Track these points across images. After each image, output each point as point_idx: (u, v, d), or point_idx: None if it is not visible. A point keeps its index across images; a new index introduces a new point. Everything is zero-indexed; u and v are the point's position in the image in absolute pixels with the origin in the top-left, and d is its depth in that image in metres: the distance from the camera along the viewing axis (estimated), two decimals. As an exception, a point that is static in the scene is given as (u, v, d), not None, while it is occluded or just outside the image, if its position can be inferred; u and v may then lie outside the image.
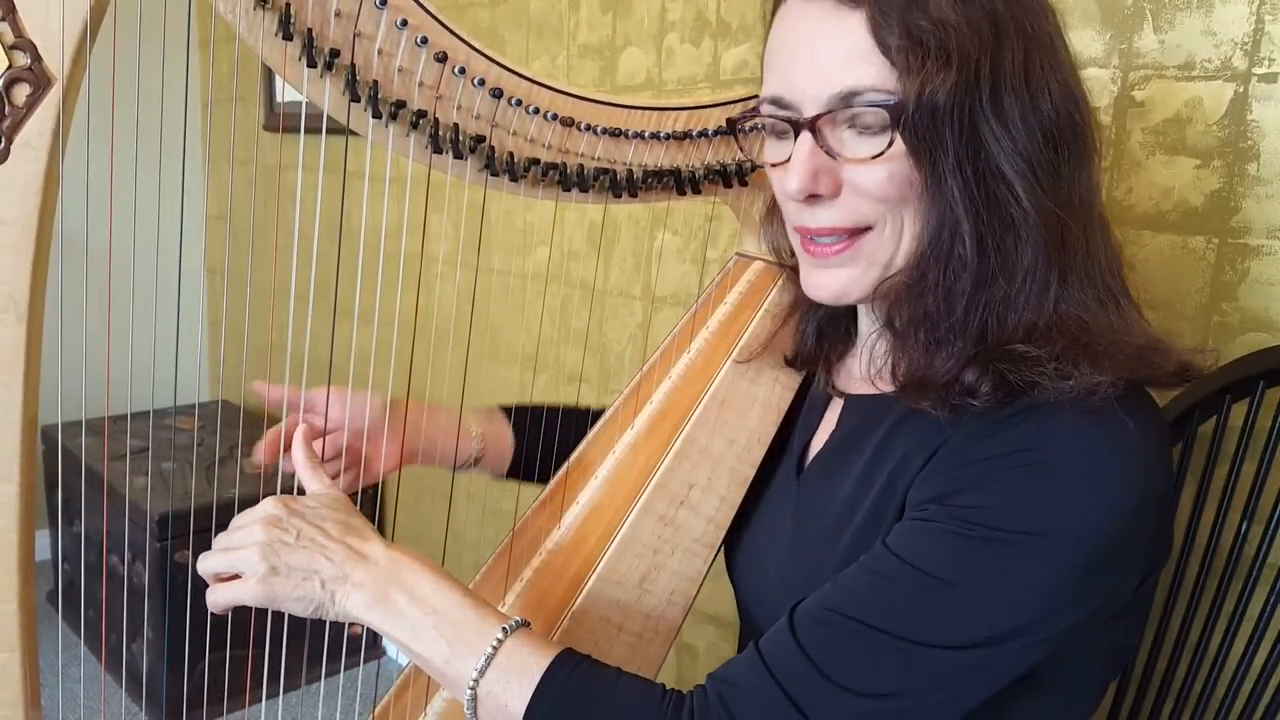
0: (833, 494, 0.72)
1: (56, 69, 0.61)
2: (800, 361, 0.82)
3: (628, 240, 1.67)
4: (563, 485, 0.89)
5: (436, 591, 0.66)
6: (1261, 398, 0.89)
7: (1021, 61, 0.61)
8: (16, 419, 0.66)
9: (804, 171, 0.65)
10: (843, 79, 0.62)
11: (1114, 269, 0.65)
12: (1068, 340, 0.60)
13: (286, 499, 0.70)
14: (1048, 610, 0.59)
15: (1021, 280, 0.62)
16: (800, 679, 0.60)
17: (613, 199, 0.81)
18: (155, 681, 2.03)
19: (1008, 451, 0.60)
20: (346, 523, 0.69)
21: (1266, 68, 0.92)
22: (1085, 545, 0.58)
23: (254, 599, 0.66)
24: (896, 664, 0.59)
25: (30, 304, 0.64)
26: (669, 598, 0.78)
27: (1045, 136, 0.61)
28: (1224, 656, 0.89)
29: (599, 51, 1.66)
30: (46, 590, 2.38)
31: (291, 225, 0.85)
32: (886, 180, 0.63)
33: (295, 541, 0.66)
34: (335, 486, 0.74)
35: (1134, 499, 0.59)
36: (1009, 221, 0.62)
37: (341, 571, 0.66)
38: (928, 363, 0.64)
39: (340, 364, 0.91)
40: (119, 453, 2.25)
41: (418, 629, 0.65)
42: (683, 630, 0.79)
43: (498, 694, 0.63)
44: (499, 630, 0.64)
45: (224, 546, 0.68)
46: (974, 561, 0.59)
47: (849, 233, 0.66)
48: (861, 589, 0.62)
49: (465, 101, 0.74)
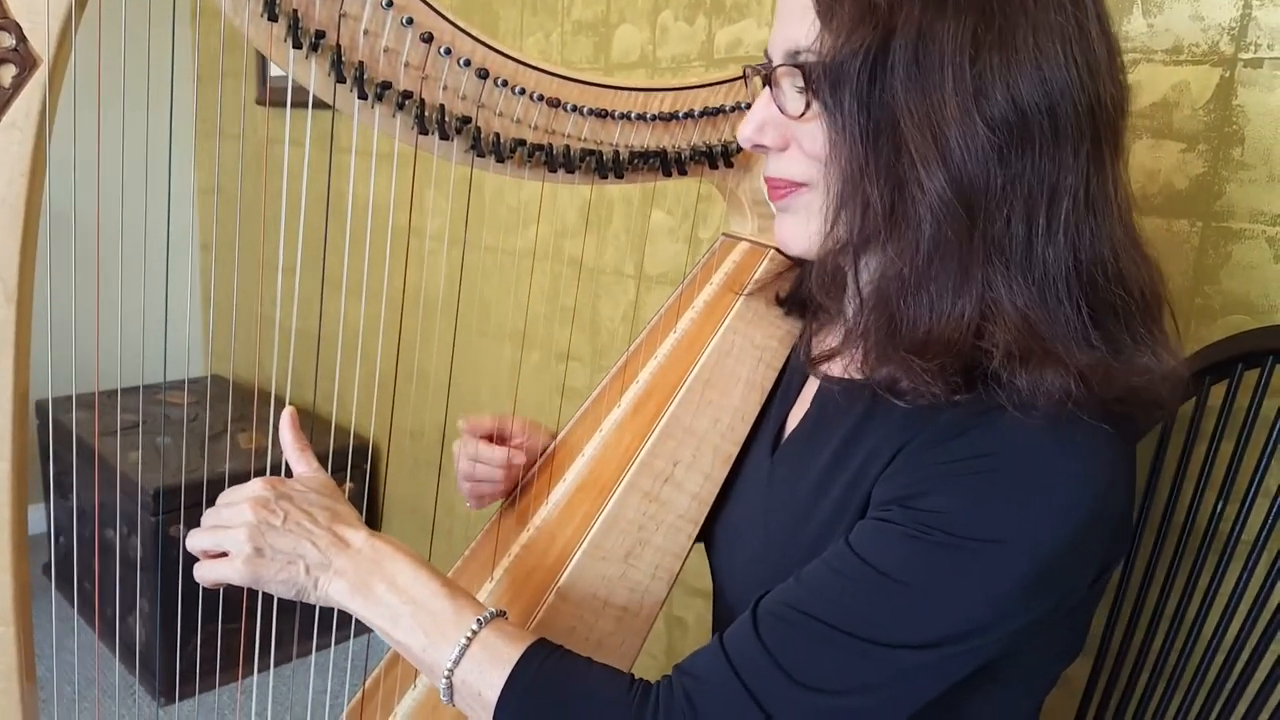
0: (803, 476, 0.73)
1: (42, 50, 0.61)
2: (789, 303, 0.83)
3: (620, 219, 1.68)
4: (550, 463, 0.90)
5: (416, 581, 0.67)
6: (1240, 379, 0.90)
7: (967, 38, 0.57)
8: (7, 396, 0.66)
9: (751, 122, 0.68)
10: (793, 36, 0.63)
11: (1089, 272, 0.61)
12: (1012, 337, 0.59)
13: (275, 481, 0.71)
14: (1001, 613, 0.60)
15: (927, 261, 0.60)
16: (761, 674, 0.62)
17: (599, 180, 0.82)
18: (150, 653, 2.05)
19: (968, 457, 0.61)
20: (333, 509, 0.71)
21: (1253, 53, 0.92)
22: (1039, 553, 0.59)
23: (239, 578, 0.67)
24: (854, 662, 0.60)
25: (20, 284, 0.65)
26: (654, 573, 0.80)
27: (988, 121, 0.58)
28: (1198, 629, 0.91)
29: (593, 28, 1.66)
30: (42, 563, 2.39)
31: (282, 200, 0.85)
32: (812, 139, 0.64)
33: (282, 525, 0.68)
34: (322, 470, 0.76)
35: (1089, 509, 0.59)
36: (909, 198, 0.60)
37: (325, 558, 0.67)
38: (853, 340, 0.65)
39: (331, 338, 0.91)
40: (112, 428, 2.25)
41: (396, 617, 0.66)
42: (672, 603, 0.81)
43: (472, 682, 0.65)
44: (474, 621, 0.66)
45: (212, 524, 0.69)
46: (931, 565, 0.60)
47: (793, 185, 0.68)
48: (823, 587, 0.63)
49: (451, 82, 0.74)
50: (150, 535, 1.97)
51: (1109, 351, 0.61)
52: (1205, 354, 0.92)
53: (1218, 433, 0.91)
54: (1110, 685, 0.96)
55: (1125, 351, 0.61)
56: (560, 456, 0.89)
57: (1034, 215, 0.59)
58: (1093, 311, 0.61)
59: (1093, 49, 0.60)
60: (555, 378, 1.84)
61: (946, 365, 0.60)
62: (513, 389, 1.94)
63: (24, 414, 0.68)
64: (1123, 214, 0.63)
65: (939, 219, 0.59)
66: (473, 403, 2.03)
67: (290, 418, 0.77)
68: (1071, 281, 0.60)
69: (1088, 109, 0.60)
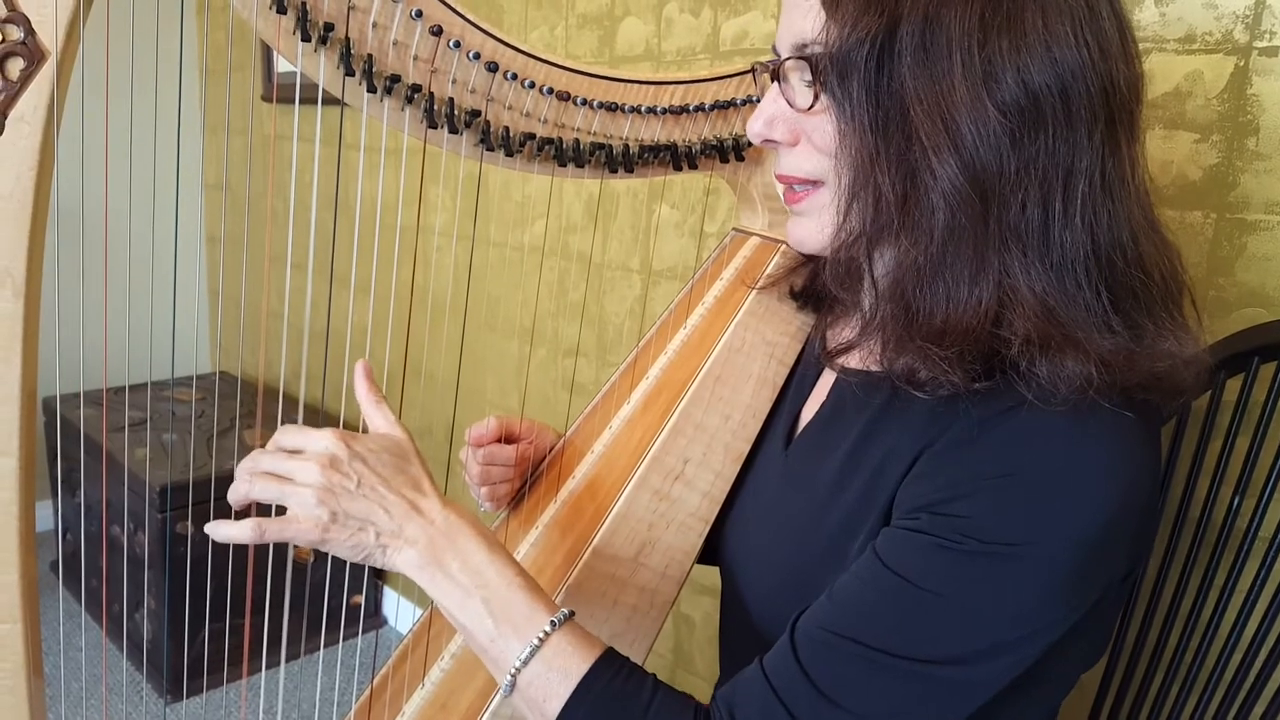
0: (819, 470, 0.72)
1: (50, 43, 0.61)
2: (804, 296, 0.82)
3: (626, 213, 1.67)
4: (559, 460, 0.89)
5: (490, 565, 0.65)
6: (1256, 373, 0.89)
7: (974, 22, 0.57)
8: (15, 394, 0.66)
9: (761, 116, 0.66)
10: (799, 29, 0.63)
11: (1108, 255, 0.60)
12: (1031, 324, 0.58)
13: (348, 436, 0.66)
14: (1040, 619, 0.59)
15: (941, 249, 0.59)
16: (802, 699, 0.61)
17: (609, 174, 0.81)
18: (157, 650, 2.05)
19: (992, 458, 0.60)
20: (407, 472, 0.67)
21: (1267, 41, 0.91)
22: (1072, 552, 0.58)
23: (307, 542, 0.64)
24: (895, 682, 0.60)
25: (28, 279, 0.65)
26: (664, 571, 0.79)
27: (999, 105, 0.57)
28: (1215, 627, 0.90)
29: (598, 21, 1.65)
30: (49, 560, 2.39)
31: (290, 196, 0.85)
32: (822, 133, 0.63)
33: (356, 489, 0.64)
34: (398, 426, 0.71)
35: (1118, 500, 0.58)
36: (921, 187, 0.59)
37: (397, 525, 0.65)
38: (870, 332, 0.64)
39: (338, 334, 0.91)
40: (120, 424, 2.25)
41: (466, 600, 0.64)
42: (680, 601, 0.80)
43: (539, 687, 0.63)
44: (547, 621, 0.64)
45: (274, 471, 0.65)
46: (965, 575, 0.59)
47: (806, 183, 0.67)
48: (857, 603, 0.62)
49: (461, 76, 0.74)
50: (157, 532, 1.97)
51: (1130, 337, 0.60)
52: (1220, 347, 0.91)
53: (1233, 427, 0.91)
54: (1125, 684, 0.95)
55: (1147, 336, 0.61)
56: (568, 454, 0.88)
57: (1050, 199, 0.58)
58: (1112, 296, 0.60)
59: (1104, 30, 0.59)
60: (562, 373, 1.84)
61: (965, 353, 0.60)
62: (519, 385, 1.93)
63: (32, 410, 0.67)
64: (1140, 197, 0.62)
65: (952, 206, 0.58)
66: (479, 398, 2.03)
67: (365, 369, 0.72)
68: (1090, 265, 0.59)
69: (1100, 90, 0.59)
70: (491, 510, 0.94)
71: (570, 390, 1.81)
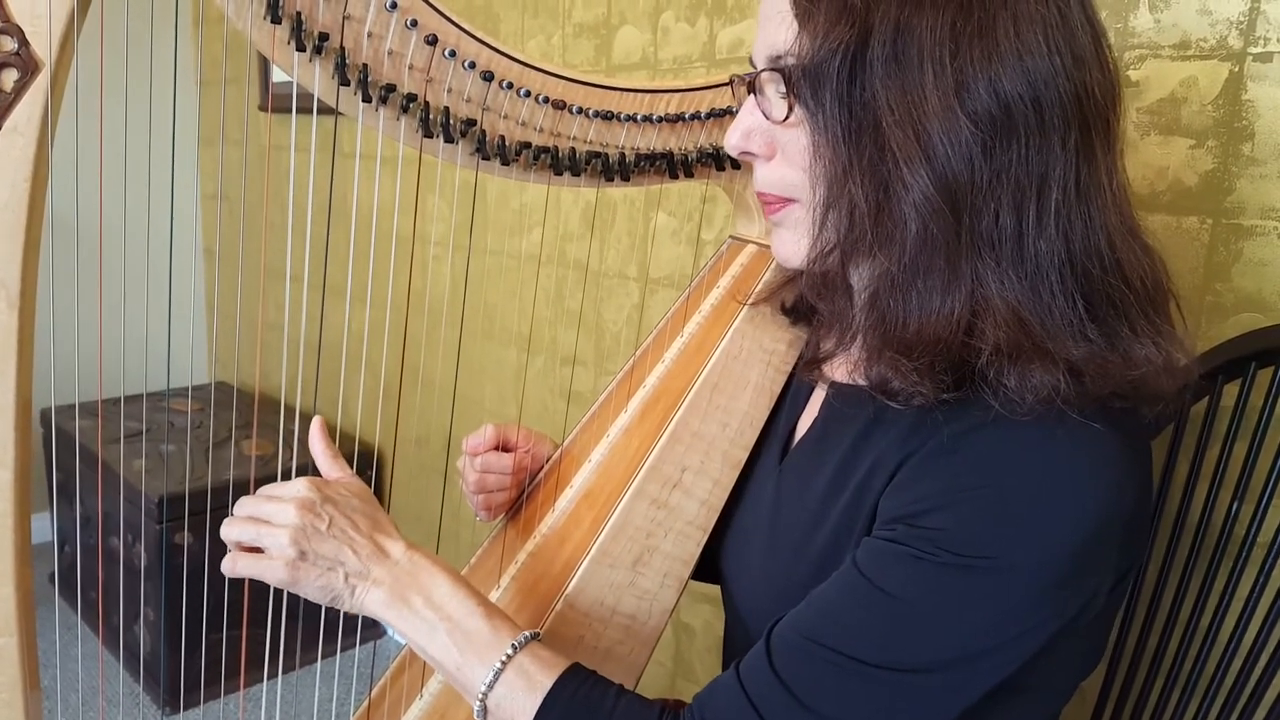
0: (811, 485, 0.72)
1: (44, 54, 0.61)
2: (794, 312, 0.82)
3: (623, 221, 1.67)
4: (557, 469, 0.89)
5: (453, 598, 0.67)
6: (1253, 378, 0.89)
7: (946, 32, 0.57)
8: (10, 405, 0.66)
9: (738, 129, 0.67)
10: (773, 41, 0.63)
11: (1083, 263, 0.60)
12: (1002, 334, 0.58)
13: (320, 483, 0.70)
14: (1016, 630, 0.59)
15: (914, 260, 0.59)
16: (776, 704, 0.61)
17: (605, 182, 0.81)
18: (155, 662, 2.04)
19: (968, 470, 0.59)
20: (373, 517, 0.70)
21: (1262, 47, 0.91)
22: (1047, 564, 0.58)
23: (276, 580, 0.66)
24: (868, 689, 0.60)
25: (22, 290, 0.65)
26: (662, 580, 0.79)
27: (970, 115, 0.57)
28: (1214, 633, 0.90)
29: (594, 30, 1.65)
30: (47, 572, 2.39)
31: (287, 206, 0.85)
32: (797, 145, 0.63)
33: (326, 530, 0.67)
34: (354, 475, 0.75)
35: (1094, 514, 0.58)
36: (894, 197, 0.59)
37: (364, 567, 0.67)
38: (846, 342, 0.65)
39: (335, 344, 0.91)
40: (117, 435, 2.25)
41: (432, 633, 0.66)
42: (680, 609, 0.80)
43: (507, 707, 0.65)
44: (509, 645, 0.66)
45: (254, 515, 0.68)
46: (940, 586, 0.59)
47: (781, 200, 0.67)
48: (832, 610, 0.63)
49: (456, 85, 0.74)
50: (155, 543, 1.96)
51: (1106, 345, 0.59)
52: (1217, 353, 0.91)
53: (1231, 433, 0.90)
54: (1125, 691, 0.95)
55: (1122, 343, 0.60)
56: (566, 463, 0.88)
57: (1023, 208, 0.58)
58: (1088, 304, 0.60)
59: (1077, 38, 0.59)
60: (559, 382, 1.83)
61: (935, 364, 0.60)
62: (517, 393, 1.93)
63: (27, 422, 0.67)
64: (1119, 204, 0.62)
65: (924, 217, 0.58)
66: (477, 407, 2.02)
67: (319, 426, 0.77)
68: (1065, 274, 0.59)
69: (1074, 98, 0.58)
70: (488, 520, 0.94)
71: (568, 399, 1.81)
